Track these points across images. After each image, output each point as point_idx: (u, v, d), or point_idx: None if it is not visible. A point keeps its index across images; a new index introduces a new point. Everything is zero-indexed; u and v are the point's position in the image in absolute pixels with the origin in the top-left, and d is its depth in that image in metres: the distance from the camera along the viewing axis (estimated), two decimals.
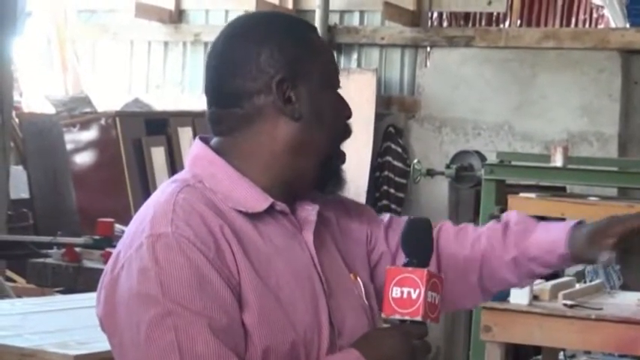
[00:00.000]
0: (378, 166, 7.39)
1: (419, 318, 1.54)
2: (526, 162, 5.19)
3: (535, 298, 4.35)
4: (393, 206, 7.35)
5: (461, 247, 1.85)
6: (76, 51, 8.70)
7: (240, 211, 1.60)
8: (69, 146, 7.39)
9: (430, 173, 6.82)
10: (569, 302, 4.32)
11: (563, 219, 6.99)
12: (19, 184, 7.37)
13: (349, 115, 1.70)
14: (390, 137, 7.43)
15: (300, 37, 1.67)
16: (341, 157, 1.69)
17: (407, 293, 1.54)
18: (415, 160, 7.02)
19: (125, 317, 1.54)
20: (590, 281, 5.47)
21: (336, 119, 1.68)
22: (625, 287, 5.81)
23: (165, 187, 1.64)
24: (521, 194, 4.97)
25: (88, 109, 7.71)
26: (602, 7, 8.17)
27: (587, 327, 4.20)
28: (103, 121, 7.30)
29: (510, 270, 1.83)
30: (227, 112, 1.65)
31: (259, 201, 1.62)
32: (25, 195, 7.44)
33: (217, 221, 1.57)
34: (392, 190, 7.38)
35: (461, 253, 1.85)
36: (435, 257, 1.80)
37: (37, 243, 6.76)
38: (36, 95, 8.46)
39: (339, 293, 1.66)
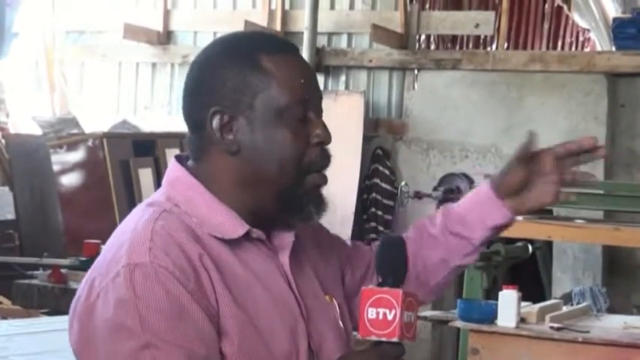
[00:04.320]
0: (365, 189, 7.39)
1: (395, 339, 1.52)
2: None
3: (522, 320, 4.35)
4: (381, 228, 7.35)
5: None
6: (63, 72, 8.70)
7: (218, 238, 1.57)
8: (56, 167, 7.37)
9: (418, 195, 6.82)
10: (556, 325, 4.32)
11: (549, 242, 7.03)
12: (5, 205, 7.35)
13: (322, 142, 1.61)
14: (377, 159, 7.44)
15: (249, 64, 1.58)
16: (306, 185, 1.60)
17: (382, 314, 1.52)
18: (403, 183, 7.02)
19: (102, 349, 1.50)
20: (577, 304, 5.47)
21: (289, 148, 1.57)
22: (611, 310, 5.82)
23: (141, 212, 1.59)
24: None
25: (75, 131, 7.69)
26: (589, 30, 8.23)
27: (574, 350, 4.20)
28: (90, 143, 7.29)
29: (439, 243, 1.80)
30: (189, 138, 1.64)
31: (235, 227, 1.58)
32: (11, 216, 7.41)
33: (196, 249, 1.53)
34: (379, 213, 7.38)
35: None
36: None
37: (23, 264, 6.73)
38: (23, 116, 8.44)
39: (317, 317, 1.65)
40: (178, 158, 1.67)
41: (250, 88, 1.58)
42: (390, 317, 1.52)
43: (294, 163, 1.59)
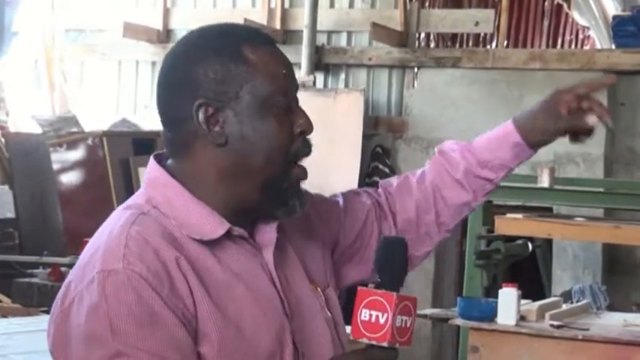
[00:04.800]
0: (365, 187, 7.39)
1: (385, 344, 1.49)
2: (513, 183, 5.21)
3: (522, 318, 4.35)
4: None
5: (408, 196, 1.83)
6: (63, 71, 8.70)
7: (197, 239, 1.54)
8: (55, 166, 7.37)
9: None
10: (556, 323, 4.32)
11: (549, 240, 7.03)
12: (4, 204, 7.36)
13: (305, 132, 1.62)
14: (377, 157, 7.44)
15: (233, 55, 1.57)
16: (290, 176, 1.60)
17: (375, 317, 1.49)
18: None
19: (74, 356, 1.49)
20: (577, 302, 5.47)
21: (274, 139, 1.57)
22: (611, 308, 5.82)
23: (119, 215, 1.57)
24: (508, 215, 4.98)
25: (75, 129, 7.69)
26: (588, 28, 8.23)
27: (573, 347, 4.20)
28: (90, 141, 7.29)
29: (462, 187, 1.80)
30: (171, 135, 1.60)
31: (215, 227, 1.55)
32: (11, 215, 7.42)
33: (173, 253, 1.51)
34: None
35: (410, 201, 1.82)
36: (392, 221, 1.80)
37: (23, 263, 6.74)
38: (23, 115, 8.44)
39: (301, 312, 1.62)
40: (157, 157, 1.64)
41: (235, 80, 1.56)
42: (382, 321, 1.50)
43: (280, 152, 1.58)
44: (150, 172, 1.62)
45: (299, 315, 1.62)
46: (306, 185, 1.67)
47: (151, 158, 1.64)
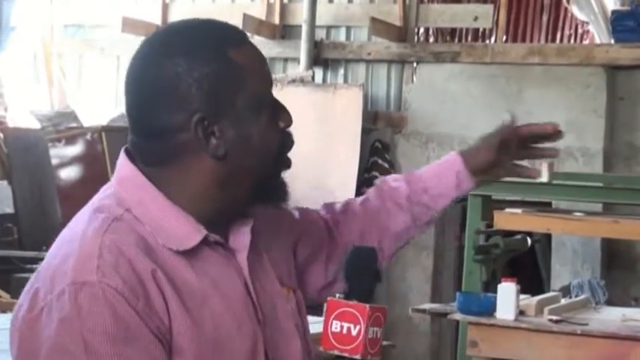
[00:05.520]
0: (364, 182, 7.39)
1: (358, 356, 1.48)
2: (512, 177, 5.20)
3: (521, 313, 4.36)
4: None
5: (353, 220, 1.82)
6: (62, 66, 8.69)
7: (172, 249, 1.49)
8: (54, 161, 7.37)
9: None
10: (554, 317, 4.33)
11: (548, 235, 7.03)
12: (3, 199, 7.36)
13: (288, 125, 1.58)
14: (376, 152, 7.44)
15: (222, 60, 1.51)
16: (280, 168, 1.58)
17: (347, 329, 1.48)
18: None
19: None
20: (576, 297, 5.48)
21: (268, 138, 1.55)
22: (610, 303, 5.83)
23: (90, 218, 1.50)
24: (507, 210, 4.98)
25: (73, 124, 7.69)
26: (587, 23, 8.22)
27: (572, 342, 4.21)
28: (88, 136, 7.29)
29: (404, 212, 1.81)
30: (147, 145, 1.52)
31: (191, 235, 1.50)
32: (10, 210, 7.41)
33: (149, 266, 1.45)
34: None
35: (354, 225, 1.82)
36: (336, 234, 1.79)
37: (22, 258, 6.74)
38: (21, 110, 8.43)
39: (273, 319, 1.59)
40: (128, 152, 1.56)
41: (229, 87, 1.51)
42: (354, 332, 1.48)
43: (272, 151, 1.56)
44: (122, 169, 1.56)
45: (271, 321, 1.59)
46: (304, 179, 1.66)
47: (122, 153, 1.56)
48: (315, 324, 1.70)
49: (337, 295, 1.52)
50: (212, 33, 1.55)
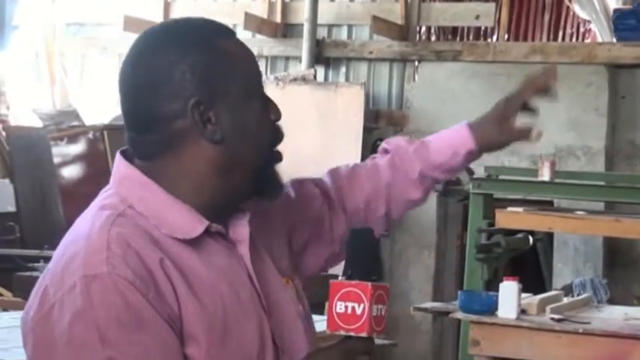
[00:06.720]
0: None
1: (364, 334, 1.50)
2: (513, 176, 5.20)
3: (523, 312, 4.35)
4: None
5: (359, 187, 1.85)
6: (64, 64, 8.69)
7: (177, 238, 1.52)
8: (56, 160, 7.37)
9: None
10: (556, 316, 4.32)
11: (550, 234, 7.03)
12: (5, 198, 7.36)
13: (278, 118, 1.62)
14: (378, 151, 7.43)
15: (213, 49, 1.56)
16: (274, 162, 1.62)
17: (351, 308, 1.50)
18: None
19: None
20: (578, 295, 5.48)
21: (261, 127, 1.59)
22: (612, 301, 5.82)
23: (95, 216, 1.53)
24: (509, 208, 4.97)
25: (75, 123, 7.70)
26: (589, 21, 8.22)
27: (574, 341, 4.20)
28: (90, 135, 7.30)
29: (416, 186, 1.86)
30: (145, 137, 1.55)
31: (194, 225, 1.54)
32: (12, 208, 7.42)
33: (156, 255, 1.48)
34: None
35: (360, 192, 1.84)
36: (340, 208, 1.82)
37: (24, 256, 6.74)
38: (23, 108, 8.44)
39: (277, 308, 1.62)
40: (124, 153, 1.60)
41: (222, 74, 1.55)
42: (358, 311, 1.50)
43: (267, 140, 1.60)
44: (119, 170, 1.59)
45: (276, 310, 1.61)
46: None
47: (118, 155, 1.60)
48: (317, 322, 1.72)
49: (339, 277, 1.55)
50: (202, 27, 1.60)
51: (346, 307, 1.51)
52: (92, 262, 1.46)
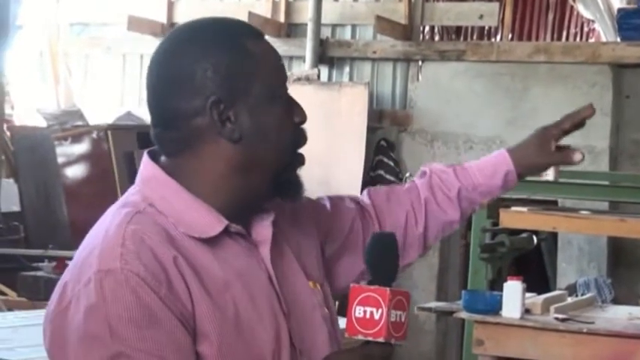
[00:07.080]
0: (370, 180, 7.39)
1: (381, 339, 1.50)
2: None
3: (527, 311, 4.35)
4: None
5: (398, 205, 1.86)
6: (68, 64, 8.70)
7: (195, 237, 1.53)
8: (60, 159, 7.38)
9: None
10: (560, 316, 4.32)
11: (554, 233, 7.01)
12: (10, 197, 7.37)
13: (302, 121, 1.63)
14: (382, 151, 7.43)
15: (238, 49, 1.57)
16: (296, 164, 1.62)
17: (369, 313, 1.50)
18: (407, 174, 7.02)
19: (72, 357, 1.48)
20: (582, 295, 5.47)
21: (283, 130, 1.59)
22: (616, 301, 5.82)
23: (115, 213, 1.56)
24: (513, 208, 4.97)
25: (79, 123, 7.70)
26: (593, 21, 8.21)
27: (578, 341, 4.20)
28: (94, 135, 7.30)
29: (454, 206, 1.87)
30: (167, 133, 1.58)
31: (213, 224, 1.55)
32: (16, 208, 7.43)
33: (170, 253, 1.50)
34: None
35: (399, 210, 1.86)
36: (377, 225, 1.83)
37: (28, 256, 6.75)
38: (28, 108, 8.45)
39: (298, 310, 1.62)
40: (150, 153, 1.63)
41: (244, 74, 1.56)
42: (376, 316, 1.50)
43: (289, 142, 1.60)
44: (144, 169, 1.62)
45: (296, 312, 1.61)
46: (310, 178, 1.68)
47: (145, 155, 1.63)
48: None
49: (361, 282, 1.57)
50: (229, 27, 1.62)
51: (365, 311, 1.51)
52: (106, 257, 1.48)
